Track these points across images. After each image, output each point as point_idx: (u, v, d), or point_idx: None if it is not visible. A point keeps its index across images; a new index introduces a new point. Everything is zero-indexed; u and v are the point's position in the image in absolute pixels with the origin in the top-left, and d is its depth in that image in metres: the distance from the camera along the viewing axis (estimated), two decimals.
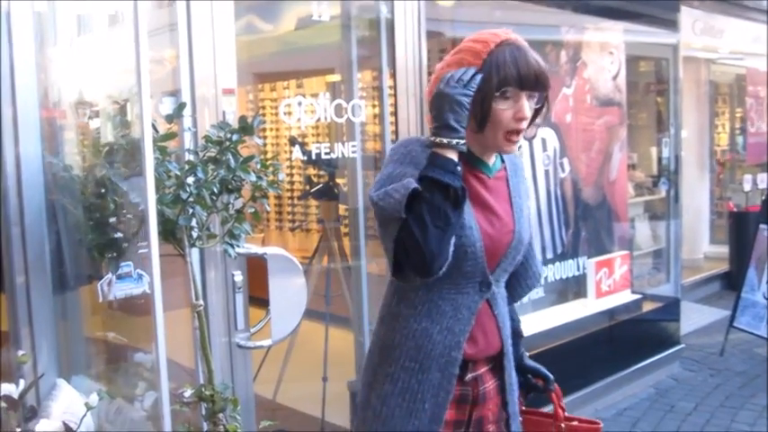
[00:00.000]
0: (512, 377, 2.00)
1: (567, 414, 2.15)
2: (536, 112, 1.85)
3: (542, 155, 4.74)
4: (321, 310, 4.45)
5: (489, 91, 1.75)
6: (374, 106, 3.99)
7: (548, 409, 2.18)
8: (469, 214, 1.82)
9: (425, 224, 1.68)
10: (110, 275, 2.47)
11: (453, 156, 1.74)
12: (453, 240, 1.76)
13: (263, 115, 6.97)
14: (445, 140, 1.73)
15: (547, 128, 4.75)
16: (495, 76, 1.75)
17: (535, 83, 1.78)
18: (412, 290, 1.88)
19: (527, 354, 2.19)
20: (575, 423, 2.14)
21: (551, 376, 2.14)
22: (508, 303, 2.10)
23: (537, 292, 4.71)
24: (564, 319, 4.74)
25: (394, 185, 1.73)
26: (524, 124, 1.80)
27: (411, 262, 1.72)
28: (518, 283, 2.10)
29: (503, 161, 1.98)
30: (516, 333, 2.15)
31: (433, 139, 1.75)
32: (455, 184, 1.71)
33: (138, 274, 2.57)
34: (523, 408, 2.15)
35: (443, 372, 1.86)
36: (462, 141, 1.74)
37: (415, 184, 1.70)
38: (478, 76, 1.75)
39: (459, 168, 1.74)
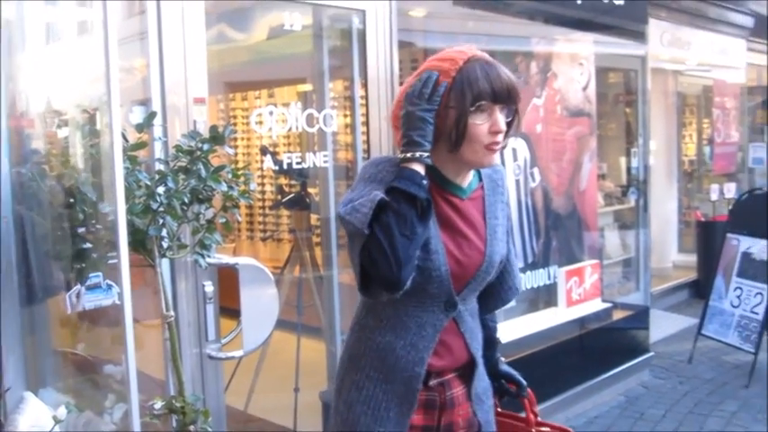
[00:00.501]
0: (478, 387, 2.00)
1: (539, 419, 2.17)
2: (509, 125, 1.86)
3: (513, 164, 4.77)
4: (293, 320, 4.44)
5: (464, 107, 1.76)
6: (346, 116, 3.99)
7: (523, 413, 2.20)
8: (436, 238, 1.83)
9: (392, 233, 1.69)
10: (78, 286, 2.44)
11: (420, 169, 1.76)
12: (418, 263, 1.77)
13: (235, 125, 6.93)
14: (409, 154, 1.76)
15: (517, 138, 4.79)
16: (469, 92, 1.76)
17: (508, 96, 1.80)
18: (380, 304, 1.90)
19: (503, 359, 2.20)
20: (546, 429, 2.16)
21: (524, 382, 2.15)
22: (486, 313, 2.11)
23: None
24: (535, 327, 4.76)
25: (360, 200, 1.75)
26: (500, 137, 1.82)
27: (378, 272, 1.71)
28: (492, 297, 2.10)
29: (480, 179, 1.98)
30: (492, 339, 2.16)
31: (401, 155, 1.78)
32: (421, 194, 1.73)
33: (108, 285, 2.54)
34: (499, 410, 2.18)
35: (407, 385, 1.88)
36: (426, 155, 1.76)
37: (382, 195, 1.72)
38: (442, 87, 1.77)
39: (425, 182, 1.76)
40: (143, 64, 2.84)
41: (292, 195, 4.59)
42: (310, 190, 4.46)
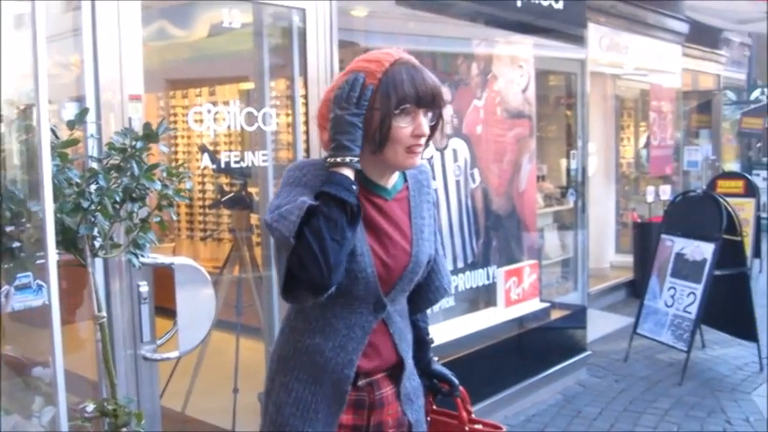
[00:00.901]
0: (407, 387, 2.01)
1: (472, 417, 2.19)
2: (433, 129, 1.89)
3: (453, 165, 4.80)
4: (232, 320, 4.40)
5: (389, 110, 1.78)
6: (287, 115, 3.97)
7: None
8: (362, 240, 1.84)
9: (323, 237, 1.70)
10: (7, 287, 2.37)
11: (349, 173, 1.77)
12: (344, 264, 1.78)
13: (175, 122, 6.84)
14: (338, 159, 1.77)
15: (458, 139, 4.82)
16: (394, 94, 1.78)
17: (432, 101, 1.83)
18: (308, 306, 1.89)
19: (435, 359, 2.22)
20: (478, 426, 2.18)
21: (457, 381, 2.17)
22: (415, 313, 2.12)
23: (447, 302, 4.76)
24: (474, 327, 4.80)
25: (287, 207, 1.75)
26: (423, 140, 1.84)
27: (308, 276, 1.72)
28: (420, 297, 2.11)
29: (405, 180, 1.99)
30: (423, 339, 2.17)
31: (328, 159, 1.79)
32: (351, 199, 1.74)
33: (39, 285, 2.47)
34: (434, 407, 2.20)
35: (336, 386, 1.89)
36: (355, 159, 1.78)
37: (310, 202, 1.72)
38: (369, 90, 1.78)
39: (354, 187, 1.77)
40: (78, 60, 2.78)
41: (232, 195, 4.56)
42: (251, 189, 4.42)
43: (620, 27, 8.00)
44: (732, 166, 12.45)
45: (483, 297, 5.14)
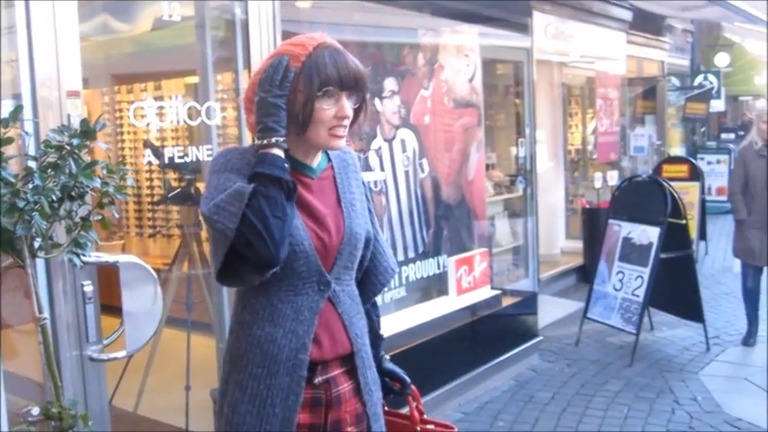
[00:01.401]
0: (367, 377, 2.01)
1: (424, 417, 2.19)
2: (357, 112, 1.93)
3: (402, 156, 4.81)
4: (183, 317, 4.35)
5: (312, 92, 1.82)
6: (234, 108, 3.93)
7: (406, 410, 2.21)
8: (293, 216, 1.85)
9: (266, 215, 1.73)
10: None
11: (279, 153, 1.81)
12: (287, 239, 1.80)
13: (121, 118, 6.73)
14: (265, 141, 1.81)
15: (406, 129, 4.83)
16: (317, 77, 1.82)
17: (355, 83, 1.86)
18: (254, 296, 1.90)
19: (386, 356, 2.21)
20: (430, 426, 2.18)
21: (408, 379, 2.18)
22: (368, 300, 2.12)
23: (399, 292, 4.77)
24: (426, 317, 4.82)
25: (222, 197, 1.77)
26: (346, 122, 1.88)
27: (256, 254, 1.75)
28: (370, 281, 2.13)
29: (329, 160, 2.03)
30: (375, 333, 2.17)
31: (257, 142, 1.82)
32: (286, 176, 1.78)
33: None
34: (386, 408, 2.17)
35: (291, 375, 1.87)
36: (282, 139, 1.82)
37: (248, 188, 1.75)
38: (291, 72, 1.81)
39: (287, 165, 1.80)
40: (14, 57, 2.71)
41: (179, 190, 4.50)
42: (198, 185, 4.37)
43: (565, 15, 8.08)
44: (677, 150, 12.68)
45: (434, 286, 5.17)
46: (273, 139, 1.80)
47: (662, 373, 5.41)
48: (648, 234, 5.84)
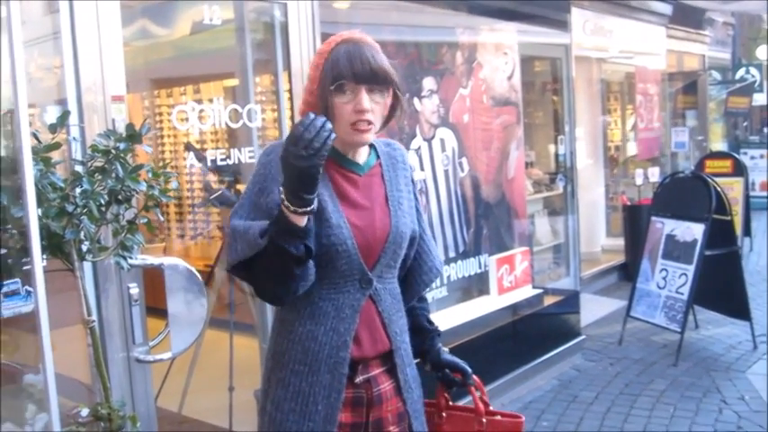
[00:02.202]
0: (407, 374, 1.99)
1: (490, 408, 2.14)
2: (392, 108, 1.91)
3: (441, 155, 4.79)
4: (225, 318, 4.38)
5: (326, 86, 1.81)
6: (273, 110, 3.95)
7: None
8: (338, 212, 1.84)
9: (270, 276, 1.77)
10: None
11: (302, 221, 1.72)
12: (322, 240, 1.81)
13: (161, 122, 6.81)
14: (291, 208, 1.69)
15: (445, 128, 4.81)
16: (330, 72, 1.81)
17: (371, 76, 1.82)
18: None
19: (445, 349, 2.16)
20: (497, 417, 2.13)
21: (469, 370, 2.11)
22: (411, 299, 2.10)
23: (440, 291, 4.76)
24: (467, 316, 4.80)
25: (242, 229, 1.79)
26: (367, 116, 1.83)
27: (262, 296, 1.86)
28: (414, 280, 2.10)
29: (378, 157, 2.00)
30: (426, 328, 2.15)
31: (282, 198, 1.70)
32: (299, 252, 1.72)
33: (27, 292, 2.46)
34: (449, 403, 2.15)
35: (333, 373, 1.87)
36: (311, 208, 1.70)
37: (261, 244, 1.74)
38: (331, 136, 1.66)
39: (309, 231, 1.73)
40: (60, 63, 2.75)
41: (219, 192, 4.53)
42: (239, 187, 4.40)
43: (604, 11, 7.99)
44: (719, 145, 12.48)
45: (475, 286, 5.14)
46: (300, 210, 1.69)
47: (708, 372, 5.32)
48: (693, 231, 5.75)
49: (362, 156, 1.96)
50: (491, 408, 2.15)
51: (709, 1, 10.12)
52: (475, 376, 2.13)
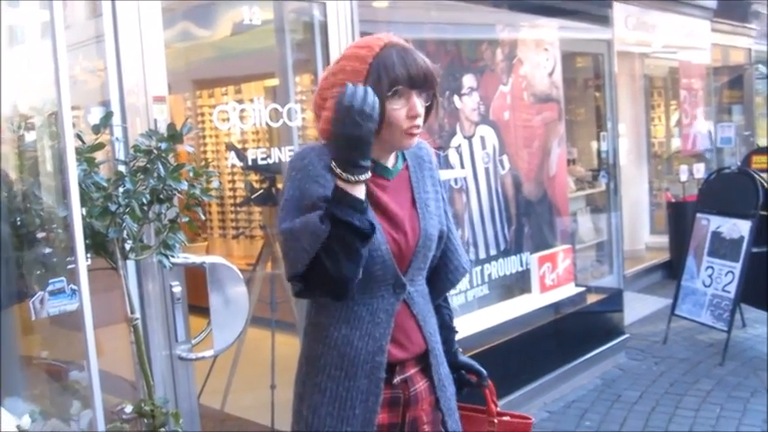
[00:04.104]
0: (441, 374, 2.00)
1: (499, 409, 2.17)
2: (428, 110, 1.89)
3: (482, 153, 4.76)
4: (267, 316, 4.41)
5: (381, 93, 1.77)
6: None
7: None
8: (372, 219, 1.82)
9: (338, 258, 1.70)
10: (42, 292, 2.40)
11: (361, 192, 1.73)
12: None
13: (202, 122, 6.88)
14: (353, 178, 1.71)
15: (485, 126, 4.79)
16: (386, 77, 1.78)
17: (424, 81, 1.82)
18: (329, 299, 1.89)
19: (460, 350, 2.20)
20: (506, 418, 2.16)
21: (484, 372, 2.15)
22: (437, 297, 2.10)
23: (481, 290, 4.74)
24: (509, 315, 4.77)
25: (299, 226, 1.73)
26: (419, 121, 1.84)
27: (327, 291, 1.77)
28: (439, 279, 2.09)
29: (404, 159, 1.99)
30: (449, 327, 2.16)
31: (338, 172, 1.72)
32: (365, 224, 1.71)
33: (72, 290, 2.50)
34: (459, 403, 2.15)
35: (370, 377, 1.86)
36: (368, 175, 1.73)
37: (324, 231, 1.69)
38: (372, 94, 1.71)
39: (366, 205, 1.73)
40: (103, 65, 2.80)
41: (261, 191, 4.56)
42: (279, 185, 4.43)
43: (647, 5, 7.88)
44: (767, 141, 12.22)
45: (517, 284, 5.10)
46: (363, 177, 1.71)
47: (755, 372, 5.22)
48: (739, 228, 5.64)
49: (391, 159, 1.95)
50: (500, 409, 2.19)
51: None
52: (489, 379, 2.16)
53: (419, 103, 1.83)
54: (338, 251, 1.69)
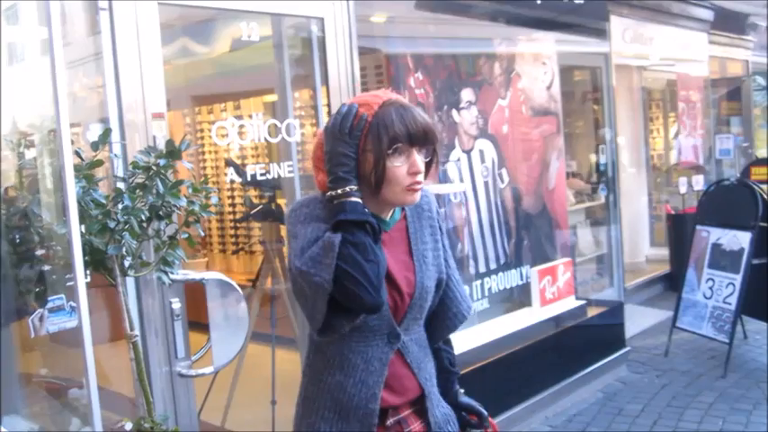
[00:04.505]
0: (437, 416, 1.98)
1: None
2: (428, 165, 1.88)
3: (481, 166, 4.77)
4: (267, 332, 4.40)
5: (382, 151, 1.77)
6: (312, 125, 3.97)
7: None
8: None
9: (359, 262, 1.70)
10: (41, 310, 2.40)
11: (357, 200, 1.76)
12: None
13: (202, 138, 6.89)
14: (339, 190, 1.76)
15: (484, 139, 4.79)
16: (386, 135, 1.77)
17: (424, 138, 1.81)
18: (325, 344, 1.89)
19: (461, 390, 2.18)
20: None
21: (485, 412, 2.14)
22: (436, 341, 2.09)
23: (482, 304, 4.73)
24: (510, 328, 4.76)
25: (315, 249, 1.73)
26: (420, 177, 1.83)
27: (361, 303, 1.73)
28: (439, 324, 2.08)
29: (402, 209, 1.98)
30: (448, 370, 2.14)
31: (331, 193, 1.77)
32: (370, 219, 1.74)
33: (71, 307, 2.49)
34: None
35: (362, 422, 1.87)
36: (356, 188, 1.77)
37: (337, 237, 1.71)
38: (362, 120, 1.77)
39: (367, 210, 1.76)
40: (102, 82, 2.81)
41: (260, 207, 4.56)
42: (279, 201, 4.43)
43: (644, 18, 7.90)
44: (765, 152, 12.22)
45: (518, 297, 5.10)
46: (348, 188, 1.76)
47: (758, 384, 5.20)
48: (739, 239, 5.64)
49: (389, 212, 1.94)
50: None
51: (752, 4, 9.94)
52: (491, 419, 2.15)
53: (420, 160, 1.82)
54: (355, 254, 1.70)
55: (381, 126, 1.78)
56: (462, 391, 2.17)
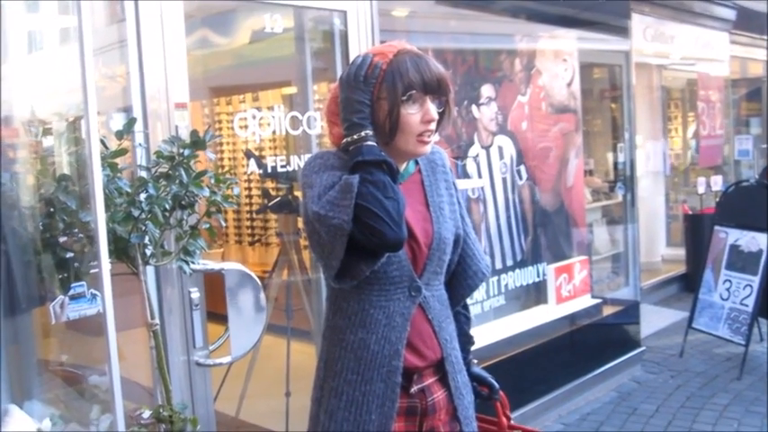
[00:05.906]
0: (458, 381, 1.99)
1: (511, 423, 2.17)
2: (441, 116, 1.90)
3: (499, 163, 4.76)
4: (282, 324, 4.41)
5: (396, 98, 1.81)
6: None
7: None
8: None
9: (380, 199, 1.72)
10: (62, 297, 2.41)
11: (372, 143, 1.80)
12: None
13: (220, 129, 6.90)
14: (355, 135, 1.80)
15: (503, 136, 4.78)
16: (400, 82, 1.81)
17: (438, 86, 1.85)
18: (345, 301, 1.90)
19: (474, 361, 2.19)
20: None
21: (497, 385, 2.15)
22: (456, 303, 2.10)
23: (497, 300, 4.72)
24: (525, 325, 4.75)
25: (332, 193, 1.76)
26: (433, 126, 1.86)
27: (383, 239, 1.73)
28: (458, 284, 2.09)
29: (417, 163, 2.01)
30: (466, 335, 2.15)
31: (347, 139, 1.81)
32: (387, 158, 1.77)
33: (93, 295, 2.51)
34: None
35: (386, 381, 1.87)
36: (371, 133, 1.80)
37: (355, 178, 1.73)
38: (377, 68, 1.81)
39: (383, 152, 1.79)
40: (125, 71, 2.81)
41: (278, 199, 4.56)
42: (297, 193, 4.43)
43: (666, 16, 7.86)
44: None
45: (533, 295, 5.09)
46: (363, 133, 1.79)
47: None
48: (758, 241, 5.60)
49: (402, 164, 1.96)
50: (513, 422, 2.19)
51: None
52: (501, 392, 2.16)
53: (433, 108, 1.85)
54: (375, 192, 1.72)
55: (396, 73, 1.81)
56: (476, 361, 2.18)
